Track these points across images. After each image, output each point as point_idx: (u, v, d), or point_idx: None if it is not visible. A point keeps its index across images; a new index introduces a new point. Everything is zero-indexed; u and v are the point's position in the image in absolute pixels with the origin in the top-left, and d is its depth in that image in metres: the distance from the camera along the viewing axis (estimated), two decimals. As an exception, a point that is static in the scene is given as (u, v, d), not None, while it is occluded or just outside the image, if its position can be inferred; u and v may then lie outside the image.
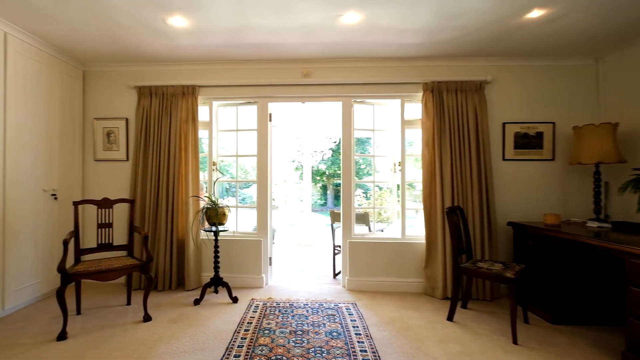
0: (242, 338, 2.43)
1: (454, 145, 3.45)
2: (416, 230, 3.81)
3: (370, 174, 4.27)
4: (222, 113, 3.95)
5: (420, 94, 3.60)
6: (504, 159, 3.57)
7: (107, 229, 3.01)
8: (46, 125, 3.23)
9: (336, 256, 4.25)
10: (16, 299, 2.90)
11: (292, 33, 2.98)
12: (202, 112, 3.79)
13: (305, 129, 6.66)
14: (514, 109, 3.57)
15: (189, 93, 3.59)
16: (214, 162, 3.82)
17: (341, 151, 3.78)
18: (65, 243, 2.51)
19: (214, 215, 3.18)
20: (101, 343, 2.39)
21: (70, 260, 2.77)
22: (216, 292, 3.43)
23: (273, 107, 3.88)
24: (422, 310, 3.05)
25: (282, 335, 2.47)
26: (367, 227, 4.21)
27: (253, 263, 3.67)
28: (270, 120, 3.83)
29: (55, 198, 3.29)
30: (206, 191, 5.29)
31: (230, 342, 2.38)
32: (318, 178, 16.68)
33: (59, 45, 3.21)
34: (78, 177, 3.67)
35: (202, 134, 3.89)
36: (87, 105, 3.76)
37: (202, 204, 4.56)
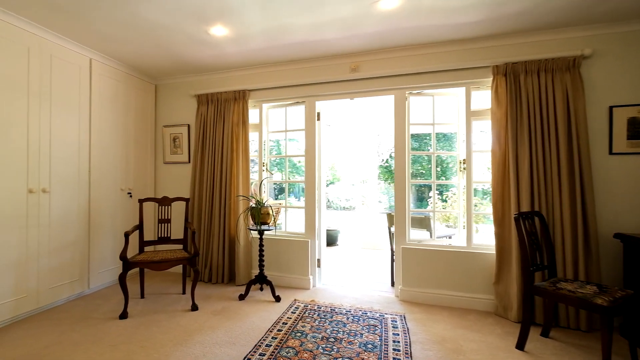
0: (272, 338, 2.36)
1: (535, 138, 2.86)
2: (486, 238, 3.26)
3: (446, 174, 3.82)
4: (273, 114, 4.03)
5: (490, 79, 3.10)
6: (611, 153, 2.79)
7: (165, 224, 3.30)
8: (123, 133, 3.72)
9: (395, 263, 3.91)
10: (98, 280, 3.38)
11: (329, 28, 2.86)
12: (254, 115, 3.92)
13: (384, 124, 6.35)
14: (627, 88, 2.76)
15: (240, 97, 3.76)
16: (263, 163, 3.90)
17: (394, 148, 3.49)
18: (127, 235, 2.82)
19: (258, 215, 3.22)
20: (151, 325, 2.59)
21: (135, 250, 3.10)
22: (261, 289, 3.46)
23: (324, 105, 3.81)
24: (485, 332, 2.56)
25: (313, 340, 2.32)
26: (428, 233, 3.78)
27: (300, 264, 3.61)
28: (318, 120, 3.76)
29: (131, 196, 3.76)
30: (263, 191, 5.51)
31: (259, 340, 2.33)
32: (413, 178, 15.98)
33: (131, 64, 3.69)
34: (150, 178, 4.15)
35: (254, 136, 4.02)
36: (158, 115, 4.24)
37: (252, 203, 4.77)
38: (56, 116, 2.98)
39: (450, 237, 4.14)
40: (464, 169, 3.28)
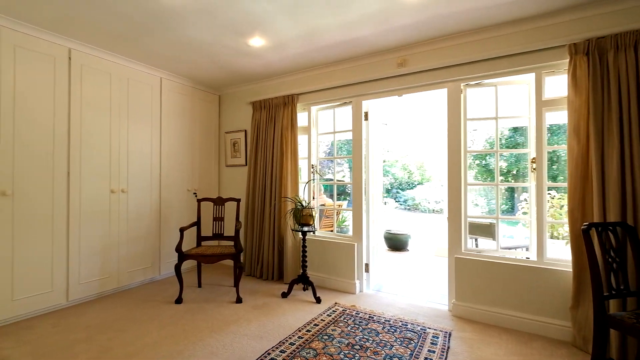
0: (298, 337, 2.37)
1: (629, 131, 2.29)
2: (563, 251, 2.72)
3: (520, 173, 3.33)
4: (322, 116, 4.06)
5: (566, 62, 2.60)
6: None
7: (219, 222, 3.60)
8: (189, 140, 4.21)
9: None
10: (168, 268, 3.87)
11: (361, 25, 2.78)
12: (303, 118, 4.01)
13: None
14: None
15: (289, 102, 3.89)
16: (312, 165, 3.95)
17: (447, 146, 3.17)
18: (181, 230, 3.18)
19: (300, 216, 3.27)
20: (197, 312, 2.86)
21: (194, 244, 3.46)
22: (305, 289, 3.49)
23: (375, 104, 3.70)
24: (550, 364, 2.12)
25: (337, 344, 2.25)
26: (494, 242, 3.33)
27: (346, 267, 3.54)
28: (366, 119, 3.66)
29: (196, 196, 4.21)
30: (324, 193, 5.58)
31: (285, 338, 2.37)
32: (502, 178, 14.47)
33: (195, 79, 4.15)
34: (214, 179, 4.58)
35: (304, 138, 4.11)
36: (222, 122, 4.67)
37: (319, 202, 4.84)
38: (132, 129, 3.55)
39: (527, 249, 3.56)
40: (534, 169, 2.81)
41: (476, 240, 4.55)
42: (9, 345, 2.31)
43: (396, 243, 5.88)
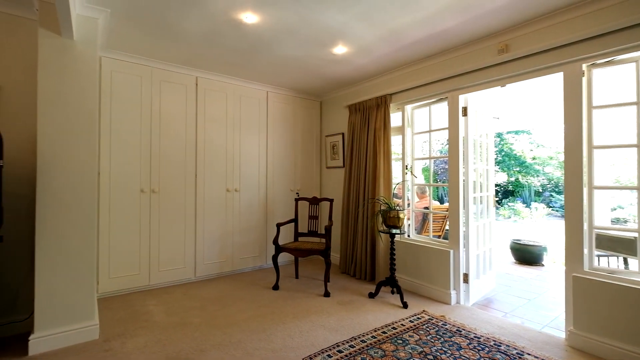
0: (372, 336, 2.36)
1: None
2: None
3: None
4: (418, 115, 3.90)
5: None
6: None
7: (314, 220, 3.87)
8: (292, 144, 4.67)
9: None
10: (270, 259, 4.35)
11: (441, 17, 2.59)
12: (397, 118, 3.94)
13: None
14: None
15: (382, 103, 3.89)
16: (406, 166, 3.83)
17: (564, 140, 2.63)
18: (278, 225, 3.58)
19: (387, 218, 3.23)
20: (288, 299, 3.18)
21: (291, 239, 3.83)
22: (393, 292, 3.41)
23: (477, 97, 3.37)
24: None
25: (409, 351, 2.15)
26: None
27: (440, 275, 3.30)
28: (465, 115, 3.35)
29: (298, 195, 4.62)
30: (427, 194, 5.27)
31: (359, 334, 2.39)
32: None
33: (296, 89, 4.58)
34: (315, 180, 4.94)
35: (398, 139, 4.03)
36: (323, 126, 5.00)
37: (423, 205, 4.66)
38: (244, 137, 4.18)
39: None
40: None
41: (625, 259, 3.57)
42: (152, 303, 3.09)
43: (526, 255, 5.03)
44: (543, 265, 4.96)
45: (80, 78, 2.39)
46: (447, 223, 4.99)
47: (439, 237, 4.69)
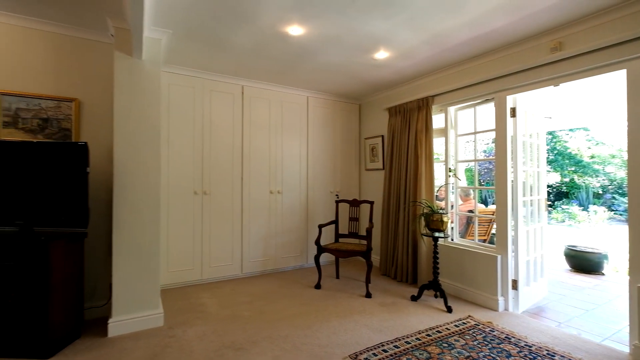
0: (416, 338, 2.37)
1: None
2: None
3: None
4: (461, 116, 3.82)
5: None
6: None
7: (355, 222, 3.93)
8: (331, 147, 4.77)
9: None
10: (313, 259, 4.45)
11: (489, 18, 2.54)
12: (439, 120, 3.89)
13: None
14: None
15: (423, 105, 3.85)
16: (449, 168, 3.77)
17: (627, 138, 2.46)
18: (320, 227, 3.68)
19: (430, 221, 3.21)
20: (330, 298, 3.27)
21: (332, 240, 3.92)
22: (436, 296, 3.37)
23: (525, 97, 3.25)
24: None
25: (455, 354, 2.15)
26: None
27: (486, 281, 3.21)
28: (513, 116, 3.23)
29: (338, 197, 4.72)
30: (472, 197, 5.11)
31: (403, 335, 2.41)
32: None
33: (336, 93, 4.68)
34: (355, 182, 4.99)
35: (440, 141, 3.97)
36: (362, 129, 5.05)
37: (467, 208, 4.55)
38: (286, 141, 4.36)
39: None
40: None
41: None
42: (206, 296, 3.34)
43: (582, 263, 4.70)
44: (603, 274, 4.58)
45: (147, 94, 2.68)
46: (493, 227, 4.81)
47: (484, 241, 4.53)
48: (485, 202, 10.25)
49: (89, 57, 2.86)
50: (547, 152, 12.13)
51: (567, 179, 12.46)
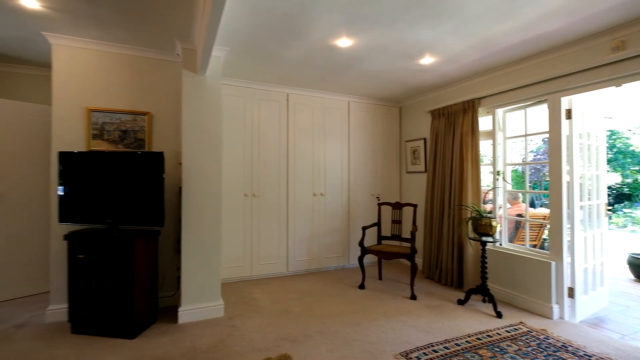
0: (466, 341, 2.39)
1: None
2: None
3: None
4: (510, 118, 3.73)
5: None
6: None
7: (397, 224, 3.97)
8: (372, 150, 4.85)
9: None
10: (354, 259, 4.60)
11: (544, 22, 2.50)
12: (486, 122, 3.82)
13: None
14: None
15: (469, 107, 3.81)
16: (497, 171, 3.69)
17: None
18: (363, 229, 3.78)
19: (478, 225, 3.18)
20: (374, 298, 3.36)
21: (374, 242, 4.00)
22: (484, 301, 3.32)
23: (582, 98, 3.12)
24: None
25: (506, 358, 2.12)
26: None
27: (539, 288, 3.12)
28: (568, 118, 3.11)
29: (379, 199, 4.77)
30: (520, 200, 4.93)
31: (452, 338, 2.43)
32: None
33: (376, 97, 4.75)
34: (395, 185, 5.02)
35: (486, 143, 3.89)
36: (402, 131, 5.07)
37: (515, 212, 4.42)
38: (328, 145, 4.52)
39: None
40: None
41: None
42: (257, 291, 3.58)
43: None
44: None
45: (210, 106, 2.95)
46: (545, 231, 4.59)
47: (534, 246, 4.35)
48: (532, 204, 9.70)
49: (157, 74, 3.20)
50: (607, 150, 11.16)
51: (629, 180, 11.36)
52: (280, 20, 2.47)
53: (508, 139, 3.72)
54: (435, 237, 4.12)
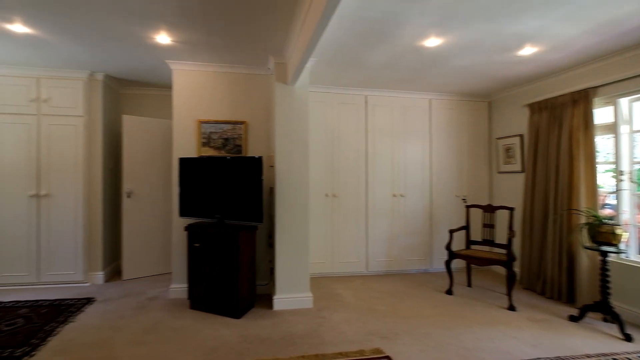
0: (583, 362, 2.08)
1: None
2: None
3: None
4: (637, 109, 3.14)
5: None
6: None
7: (489, 229, 3.66)
8: (457, 149, 4.56)
9: None
10: (439, 264, 4.36)
11: None
12: (603, 114, 3.29)
13: None
14: None
15: (581, 98, 3.32)
16: (620, 171, 3.15)
17: None
18: (451, 232, 3.59)
19: (597, 233, 2.75)
20: (465, 305, 3.18)
21: (462, 246, 3.77)
22: (605, 320, 2.85)
23: None
24: None
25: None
26: None
27: (680, 309, 2.56)
28: None
29: (465, 201, 4.47)
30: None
31: (566, 356, 2.15)
32: None
33: (462, 93, 4.47)
34: (484, 186, 4.64)
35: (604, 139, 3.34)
36: (492, 128, 4.66)
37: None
38: (408, 145, 4.41)
39: None
40: None
41: None
42: (339, 287, 3.70)
43: None
44: None
45: (298, 113, 3.19)
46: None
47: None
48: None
49: (251, 87, 3.57)
50: None
51: None
52: (369, 26, 2.51)
53: (635, 132, 3.14)
54: (537, 244, 3.68)
